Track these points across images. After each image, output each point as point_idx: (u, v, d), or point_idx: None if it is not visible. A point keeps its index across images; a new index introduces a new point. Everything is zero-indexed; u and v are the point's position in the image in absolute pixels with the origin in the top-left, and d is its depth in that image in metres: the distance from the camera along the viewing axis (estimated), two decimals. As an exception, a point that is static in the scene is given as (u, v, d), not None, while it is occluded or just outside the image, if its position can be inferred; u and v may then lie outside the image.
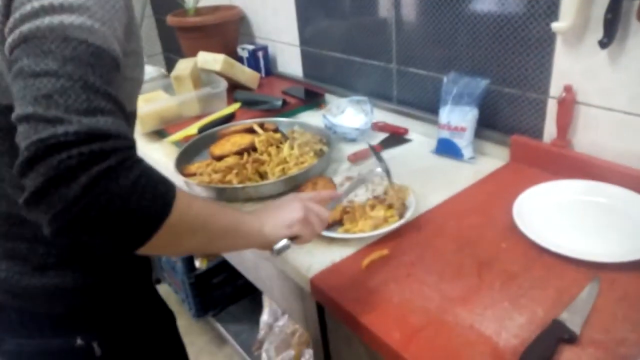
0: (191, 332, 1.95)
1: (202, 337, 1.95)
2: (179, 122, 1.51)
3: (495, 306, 0.75)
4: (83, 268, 0.73)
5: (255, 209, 0.80)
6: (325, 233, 0.92)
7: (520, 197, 0.96)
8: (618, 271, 0.78)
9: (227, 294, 1.84)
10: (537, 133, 1.10)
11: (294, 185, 1.08)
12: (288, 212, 0.74)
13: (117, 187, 0.48)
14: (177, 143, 1.40)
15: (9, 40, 0.53)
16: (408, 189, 1.00)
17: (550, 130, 1.07)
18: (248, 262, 1.16)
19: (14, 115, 0.49)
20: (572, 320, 0.70)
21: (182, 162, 1.22)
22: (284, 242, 0.72)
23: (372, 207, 0.95)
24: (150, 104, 1.49)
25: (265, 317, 1.66)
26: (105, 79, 0.53)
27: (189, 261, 1.70)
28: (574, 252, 0.81)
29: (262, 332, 1.64)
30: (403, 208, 0.95)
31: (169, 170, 1.18)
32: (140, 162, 0.51)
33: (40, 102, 0.48)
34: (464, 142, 1.16)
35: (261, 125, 1.31)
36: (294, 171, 1.13)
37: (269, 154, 1.20)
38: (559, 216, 0.92)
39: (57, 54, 0.50)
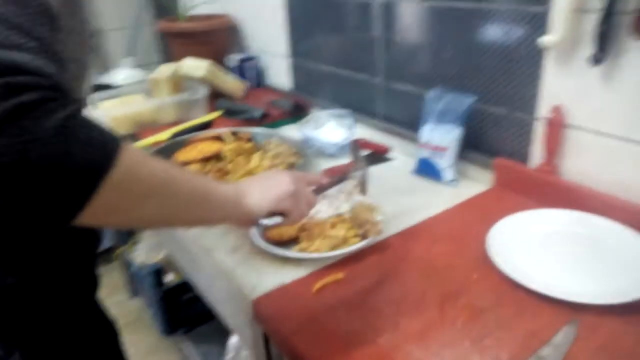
0: (160, 349, 1.84)
1: (171, 355, 1.84)
2: (154, 127, 1.44)
3: (455, 345, 0.65)
4: (2, 266, 0.64)
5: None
6: (278, 252, 0.83)
7: (497, 225, 0.87)
8: (600, 315, 0.68)
9: (198, 312, 1.73)
10: (523, 157, 1.01)
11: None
12: (277, 184, 0.65)
13: (37, 128, 0.40)
14: (147, 148, 1.33)
15: None
16: (376, 209, 0.91)
17: (536, 154, 0.99)
18: (204, 279, 1.07)
19: None
20: (540, 368, 0.60)
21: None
22: (275, 218, 0.64)
23: (333, 225, 0.86)
24: (124, 106, 1.42)
25: (234, 340, 1.56)
26: (29, 19, 0.46)
27: (157, 275, 1.61)
28: (551, 289, 0.72)
29: (228, 356, 1.53)
30: (369, 229, 0.86)
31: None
32: (70, 107, 0.43)
33: None
34: (444, 163, 1.07)
35: (234, 134, 1.23)
36: (259, 183, 1.04)
37: (236, 164, 1.12)
38: (540, 248, 0.83)
39: None
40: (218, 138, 1.22)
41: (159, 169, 0.52)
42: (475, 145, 1.09)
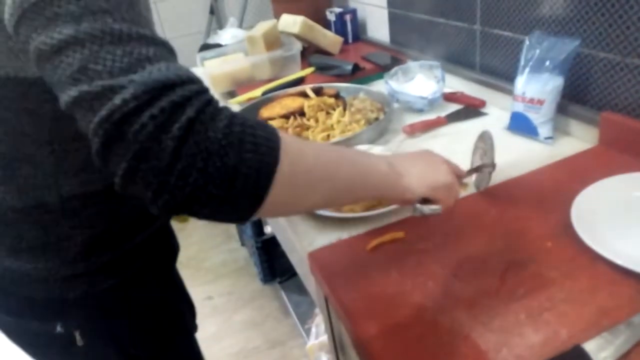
0: (262, 295, 1.98)
1: (272, 302, 1.96)
2: (251, 84, 1.49)
3: (508, 316, 0.59)
4: (59, 257, 0.66)
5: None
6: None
7: (591, 188, 0.76)
8: (698, 298, 0.57)
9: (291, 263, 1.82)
10: (637, 111, 0.86)
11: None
12: (436, 172, 0.65)
13: (208, 141, 0.41)
14: (242, 105, 1.39)
15: (7, 16, 0.45)
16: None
17: (655, 107, 0.83)
18: (278, 231, 1.11)
19: (62, 106, 0.43)
20: (602, 351, 0.52)
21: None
22: (434, 207, 0.64)
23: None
24: (224, 64, 1.49)
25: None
26: (129, 19, 0.44)
27: (257, 225, 1.71)
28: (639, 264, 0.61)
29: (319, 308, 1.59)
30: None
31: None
32: (224, 108, 0.44)
33: (78, 79, 0.41)
34: (540, 118, 0.95)
35: (319, 90, 1.23)
36: (336, 139, 1.04)
37: (317, 120, 1.12)
38: (637, 218, 0.71)
39: (63, 15, 0.42)
40: (304, 94, 1.23)
41: (319, 154, 0.52)
42: (580, 97, 0.95)
